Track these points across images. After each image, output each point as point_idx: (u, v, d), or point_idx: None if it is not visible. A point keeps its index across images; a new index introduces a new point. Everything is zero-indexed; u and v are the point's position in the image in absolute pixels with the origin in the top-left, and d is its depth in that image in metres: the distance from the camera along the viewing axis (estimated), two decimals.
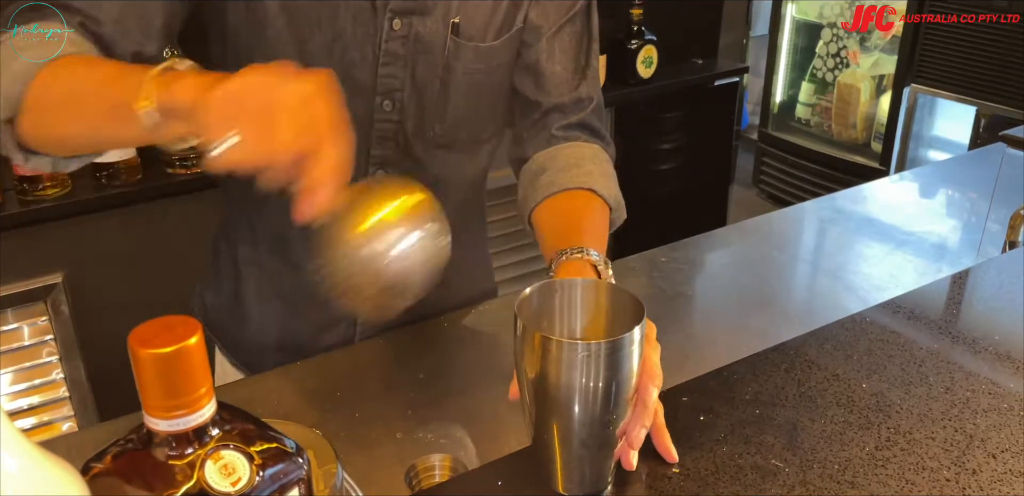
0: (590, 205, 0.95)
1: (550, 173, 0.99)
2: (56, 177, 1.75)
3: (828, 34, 3.31)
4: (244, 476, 0.48)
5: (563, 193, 0.96)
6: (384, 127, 1.00)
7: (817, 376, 0.88)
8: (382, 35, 0.95)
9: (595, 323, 0.75)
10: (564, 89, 1.03)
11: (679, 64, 2.68)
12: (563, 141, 1.03)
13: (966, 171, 1.70)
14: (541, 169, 1.00)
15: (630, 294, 0.72)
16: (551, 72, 1.02)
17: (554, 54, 1.02)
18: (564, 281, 0.76)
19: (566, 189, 0.96)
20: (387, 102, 0.98)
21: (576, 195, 0.96)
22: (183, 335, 0.45)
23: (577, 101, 1.03)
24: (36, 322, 1.81)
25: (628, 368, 0.68)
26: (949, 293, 1.09)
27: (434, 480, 0.85)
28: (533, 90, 1.04)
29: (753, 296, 1.22)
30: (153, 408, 0.46)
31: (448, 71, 0.99)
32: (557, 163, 1.00)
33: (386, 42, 0.95)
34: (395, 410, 0.93)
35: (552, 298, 0.75)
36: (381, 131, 1.00)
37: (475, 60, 0.99)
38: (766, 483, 0.74)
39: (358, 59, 0.96)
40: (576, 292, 0.75)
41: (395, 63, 0.97)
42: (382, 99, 0.98)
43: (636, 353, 0.68)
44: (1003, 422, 0.81)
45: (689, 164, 2.72)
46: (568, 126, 1.03)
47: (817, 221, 1.48)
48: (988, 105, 2.83)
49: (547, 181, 0.98)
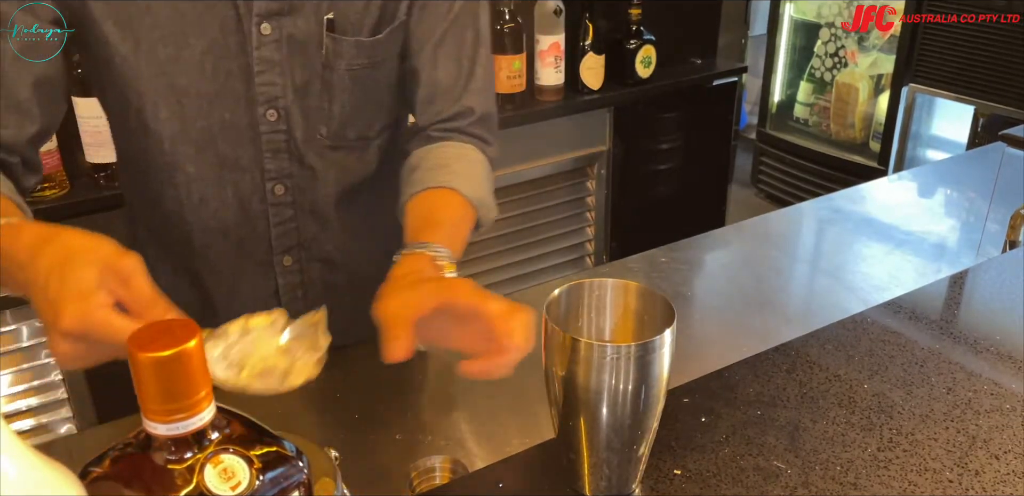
0: (450, 203, 0.94)
1: (419, 171, 0.98)
2: (55, 178, 1.75)
3: (826, 34, 3.31)
4: (244, 480, 0.48)
5: (426, 192, 0.95)
6: (272, 138, 0.98)
7: (819, 377, 0.88)
8: (252, 42, 0.92)
9: (624, 325, 0.75)
10: (448, 100, 1.02)
11: (677, 64, 2.67)
12: (439, 140, 1.02)
13: (965, 171, 1.70)
14: (414, 167, 1.00)
15: (660, 296, 0.72)
16: (434, 81, 1.01)
17: (436, 64, 1.01)
18: (594, 282, 0.75)
19: (428, 188, 0.95)
20: (271, 111, 0.96)
21: (437, 194, 0.95)
22: (182, 338, 0.45)
23: (457, 115, 1.02)
24: (34, 323, 1.81)
25: (658, 370, 0.68)
26: (949, 293, 1.09)
27: (434, 482, 0.85)
28: (415, 91, 1.02)
29: (753, 296, 1.22)
30: (152, 412, 0.46)
31: (329, 70, 0.97)
32: (427, 162, 0.99)
33: (257, 49, 0.93)
34: (395, 412, 0.93)
35: (581, 299, 0.75)
36: (271, 143, 0.98)
37: (357, 55, 0.97)
38: (768, 485, 0.73)
39: (234, 69, 0.93)
40: (606, 293, 0.75)
41: (271, 70, 0.94)
42: (264, 109, 0.96)
43: (667, 355, 0.68)
44: (1005, 423, 0.81)
45: (687, 164, 2.72)
46: (446, 129, 1.03)
47: (816, 221, 1.47)
48: (986, 104, 2.83)
49: (416, 179, 0.97)
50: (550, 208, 2.46)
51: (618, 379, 0.67)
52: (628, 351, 0.66)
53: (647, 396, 0.68)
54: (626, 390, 0.67)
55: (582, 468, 0.73)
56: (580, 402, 0.69)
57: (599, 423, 0.69)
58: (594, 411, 0.68)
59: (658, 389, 0.69)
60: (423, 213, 0.92)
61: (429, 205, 0.94)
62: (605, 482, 0.73)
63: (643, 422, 0.70)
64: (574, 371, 0.67)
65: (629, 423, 0.69)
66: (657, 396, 0.69)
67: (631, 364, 0.66)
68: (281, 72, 0.95)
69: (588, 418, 0.69)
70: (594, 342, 0.66)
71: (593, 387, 0.67)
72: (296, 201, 1.03)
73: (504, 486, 0.75)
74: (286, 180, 1.01)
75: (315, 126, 0.99)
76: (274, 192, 1.01)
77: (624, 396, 0.67)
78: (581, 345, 0.66)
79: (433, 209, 0.93)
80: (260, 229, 1.03)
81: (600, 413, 0.68)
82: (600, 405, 0.68)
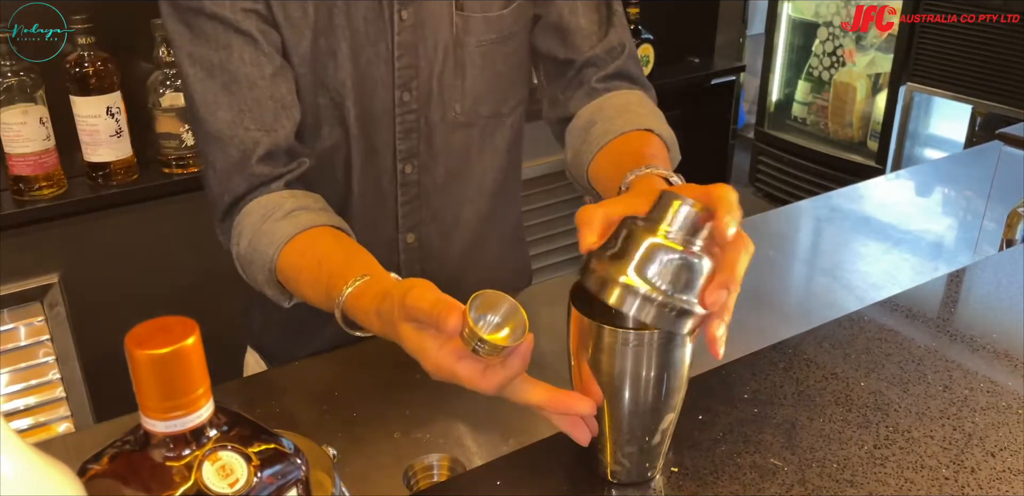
0: (650, 141, 0.93)
1: (601, 124, 0.97)
2: (52, 177, 1.75)
3: (824, 33, 3.31)
4: (242, 477, 0.48)
5: (619, 137, 0.94)
6: (406, 119, 0.99)
7: (815, 375, 0.88)
8: (394, 28, 0.94)
9: None
10: (593, 41, 1.01)
11: (675, 63, 2.67)
12: (604, 92, 1.01)
13: (962, 169, 1.70)
14: (590, 122, 0.98)
15: None
16: (576, 26, 1.00)
17: (576, 8, 1.01)
18: None
19: (622, 133, 0.94)
20: (406, 94, 0.98)
21: (633, 136, 0.94)
22: (180, 336, 0.45)
23: (609, 50, 1.01)
24: (32, 322, 1.81)
25: (680, 357, 0.69)
26: (946, 291, 1.09)
27: (432, 480, 0.85)
28: (562, 48, 1.02)
29: (750, 295, 1.21)
30: (150, 409, 0.46)
31: (460, 47, 0.98)
32: (605, 113, 0.98)
33: (398, 35, 0.95)
34: (393, 410, 0.93)
35: None
36: (404, 124, 0.99)
37: (486, 31, 0.98)
38: (765, 482, 0.74)
39: (373, 57, 0.96)
40: None
41: (409, 53, 0.96)
42: (401, 92, 0.98)
43: (689, 343, 0.68)
44: (1001, 420, 0.81)
45: (685, 163, 2.71)
46: (606, 77, 1.02)
47: (814, 220, 1.48)
48: (984, 103, 2.83)
49: (600, 131, 0.96)
50: (550, 206, 2.46)
51: (641, 366, 0.67)
52: (651, 338, 0.66)
53: (669, 383, 0.69)
54: (648, 377, 0.68)
55: (604, 453, 0.73)
56: (603, 388, 0.69)
57: (621, 409, 0.70)
58: (617, 397, 0.69)
59: (680, 376, 0.70)
60: (629, 151, 0.90)
61: (629, 147, 0.92)
62: (627, 468, 0.74)
63: (665, 409, 0.71)
64: (598, 358, 0.68)
65: (651, 410, 0.70)
66: (679, 383, 0.70)
67: (654, 351, 0.67)
68: (417, 55, 0.96)
69: (611, 404, 0.70)
70: (618, 329, 0.67)
71: (616, 373, 0.68)
72: (421, 180, 1.04)
73: (502, 484, 0.75)
74: (414, 159, 1.02)
75: (450, 104, 1.00)
76: (404, 171, 1.02)
77: (647, 382, 0.68)
78: (605, 332, 0.67)
79: (638, 147, 0.91)
80: (389, 208, 1.05)
81: (623, 399, 0.69)
82: (623, 391, 0.69)
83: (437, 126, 1.01)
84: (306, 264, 0.86)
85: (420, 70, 0.98)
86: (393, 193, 1.04)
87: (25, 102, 1.67)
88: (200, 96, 0.91)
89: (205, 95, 0.91)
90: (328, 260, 0.85)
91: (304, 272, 0.86)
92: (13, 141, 1.69)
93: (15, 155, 1.70)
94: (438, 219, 1.08)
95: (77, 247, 1.83)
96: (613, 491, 0.75)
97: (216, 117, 0.91)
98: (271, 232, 0.89)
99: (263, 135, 0.91)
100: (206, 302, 1.36)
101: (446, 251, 1.11)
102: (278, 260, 0.88)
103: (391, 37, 0.95)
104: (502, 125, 1.07)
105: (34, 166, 1.71)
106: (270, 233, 0.89)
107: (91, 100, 1.72)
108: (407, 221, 1.06)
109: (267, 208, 0.90)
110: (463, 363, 0.67)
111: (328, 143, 1.00)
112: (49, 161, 1.73)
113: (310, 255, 0.86)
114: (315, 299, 0.85)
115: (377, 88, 0.97)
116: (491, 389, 0.67)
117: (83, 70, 1.71)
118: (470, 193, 1.09)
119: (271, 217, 0.89)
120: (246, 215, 0.91)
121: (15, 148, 1.69)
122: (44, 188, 1.75)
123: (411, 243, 1.08)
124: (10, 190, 1.75)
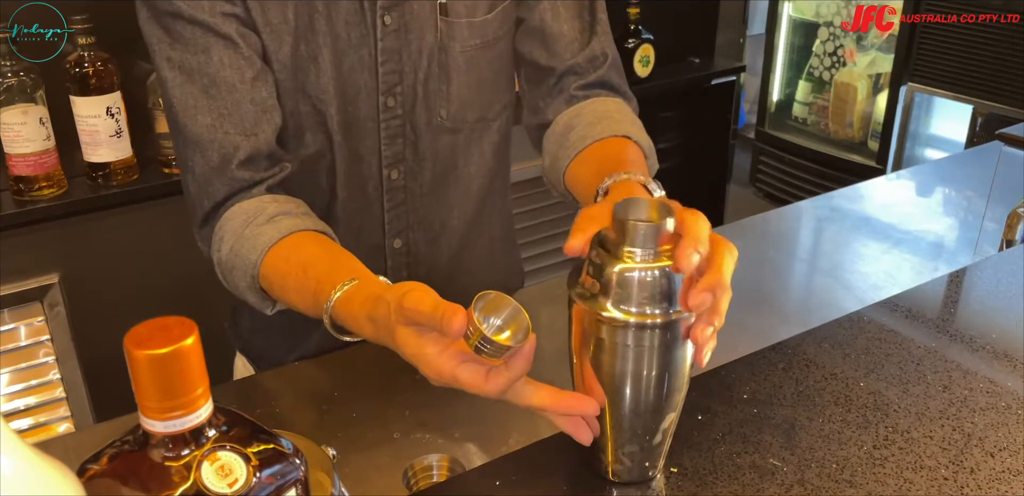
0: (629, 148, 0.92)
1: (579, 129, 0.96)
2: (52, 177, 1.75)
3: (824, 33, 3.31)
4: (241, 477, 0.48)
5: (597, 143, 0.93)
6: (391, 124, 0.99)
7: (815, 375, 0.88)
8: (377, 34, 0.94)
9: None
10: (575, 49, 1.00)
11: (676, 63, 2.67)
12: (584, 99, 1.01)
13: (963, 169, 1.70)
14: (568, 128, 0.98)
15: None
16: (559, 32, 1.00)
17: (558, 13, 1.00)
18: None
19: (600, 139, 0.93)
20: (391, 99, 0.97)
21: (611, 142, 0.93)
22: (179, 336, 0.45)
23: (591, 59, 1.01)
24: (32, 323, 1.81)
25: (682, 356, 0.68)
26: (946, 292, 1.09)
27: (432, 480, 0.85)
28: (543, 55, 1.01)
29: (750, 295, 1.22)
30: (149, 409, 0.46)
31: (444, 52, 0.97)
32: (584, 119, 0.97)
33: (382, 40, 0.94)
34: (392, 410, 0.93)
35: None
36: (389, 129, 0.99)
37: (470, 36, 0.98)
38: (764, 482, 0.74)
39: (356, 63, 0.95)
40: None
41: (393, 59, 0.96)
42: (385, 98, 0.97)
43: (690, 342, 0.68)
44: (1001, 420, 0.81)
45: (686, 163, 2.72)
46: (586, 85, 1.01)
47: (814, 220, 1.48)
48: (984, 103, 2.83)
49: (578, 137, 0.95)
50: (548, 207, 2.46)
51: (642, 365, 0.67)
52: (653, 337, 0.66)
53: (671, 380, 0.69)
54: (650, 376, 0.68)
55: (605, 452, 0.73)
56: (605, 388, 0.69)
57: (623, 408, 0.70)
58: (619, 396, 0.69)
59: (682, 375, 0.69)
60: (610, 155, 0.90)
61: (607, 151, 0.92)
62: (628, 467, 0.74)
63: (667, 408, 0.71)
64: (599, 357, 0.68)
65: (653, 409, 0.70)
66: (681, 382, 0.70)
67: (655, 350, 0.67)
68: (401, 60, 0.96)
69: (613, 403, 0.70)
70: (618, 324, 0.66)
71: (618, 373, 0.68)
72: (407, 185, 1.04)
73: (502, 484, 0.75)
74: (400, 165, 1.01)
75: (435, 110, 1.00)
76: (390, 177, 1.02)
77: (647, 379, 0.68)
78: (604, 326, 0.67)
79: (619, 152, 0.91)
80: (375, 213, 1.04)
81: (625, 398, 0.69)
82: (625, 390, 0.69)
83: (423, 131, 1.01)
84: (291, 269, 0.85)
85: (404, 75, 0.97)
86: (379, 199, 1.03)
87: (25, 102, 1.67)
88: (179, 100, 0.90)
89: (184, 99, 0.89)
90: (314, 265, 0.83)
91: (289, 277, 0.85)
92: (13, 141, 1.69)
93: (15, 155, 1.70)
94: (425, 224, 1.08)
95: (77, 247, 1.83)
96: (614, 491, 0.75)
97: (195, 121, 0.89)
98: (253, 237, 0.87)
99: (243, 139, 0.90)
100: (206, 302, 1.35)
101: (434, 256, 1.10)
102: (261, 265, 0.87)
103: (374, 42, 0.94)
104: (488, 129, 1.06)
105: (34, 166, 1.71)
106: (252, 238, 0.87)
107: (91, 100, 1.72)
108: (394, 227, 1.06)
109: (249, 213, 0.89)
110: (464, 367, 0.67)
111: (312, 150, 0.99)
112: (49, 161, 1.73)
113: (295, 260, 0.85)
114: (301, 305, 0.84)
115: (360, 94, 0.96)
116: (494, 392, 0.66)
117: (83, 70, 1.71)
118: (457, 198, 1.08)
119: (253, 222, 0.88)
120: (227, 220, 0.90)
121: (15, 148, 1.69)
122: (44, 188, 1.75)
123: (398, 248, 1.07)
124: (10, 190, 1.75)
